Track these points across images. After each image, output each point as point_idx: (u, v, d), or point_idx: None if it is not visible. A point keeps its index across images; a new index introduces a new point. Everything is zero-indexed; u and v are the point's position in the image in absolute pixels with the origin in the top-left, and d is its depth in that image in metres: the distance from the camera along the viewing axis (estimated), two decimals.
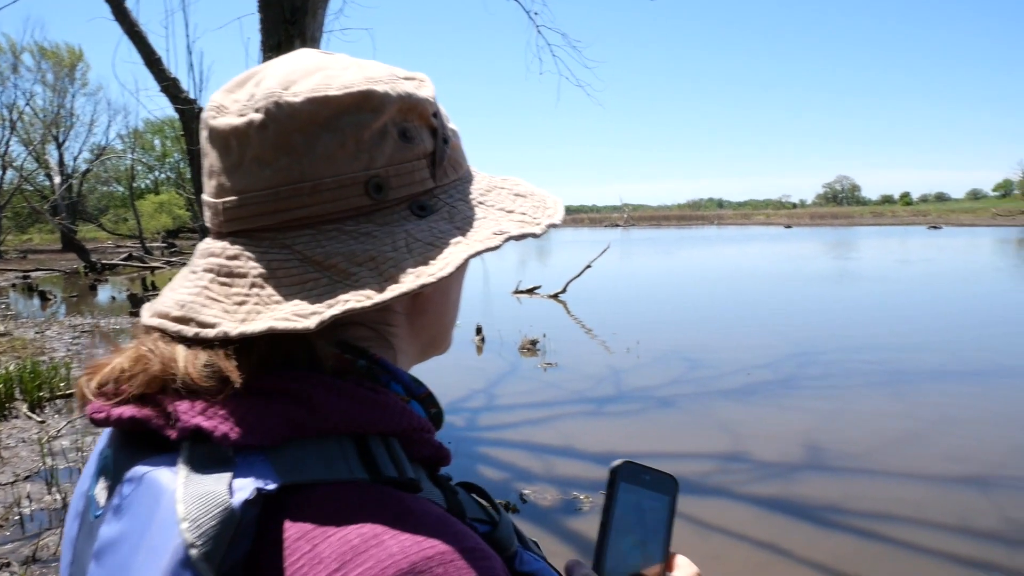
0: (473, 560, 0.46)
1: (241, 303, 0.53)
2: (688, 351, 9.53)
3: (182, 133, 6.34)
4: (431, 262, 0.55)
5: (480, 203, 0.62)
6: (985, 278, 19.02)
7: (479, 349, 10.20)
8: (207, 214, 0.60)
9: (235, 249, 0.56)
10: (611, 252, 17.40)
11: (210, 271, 0.56)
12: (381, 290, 0.52)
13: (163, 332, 0.54)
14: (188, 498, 0.45)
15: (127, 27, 5.93)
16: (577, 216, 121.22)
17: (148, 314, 0.57)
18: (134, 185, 47.19)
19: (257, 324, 0.51)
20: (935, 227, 55.71)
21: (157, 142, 56.86)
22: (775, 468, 5.25)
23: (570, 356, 9.46)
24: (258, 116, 0.55)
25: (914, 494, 4.75)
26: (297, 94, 0.55)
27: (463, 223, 0.59)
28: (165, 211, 48.67)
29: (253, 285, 0.54)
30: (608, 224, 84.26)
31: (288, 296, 0.52)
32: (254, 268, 0.54)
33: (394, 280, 0.53)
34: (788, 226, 69.83)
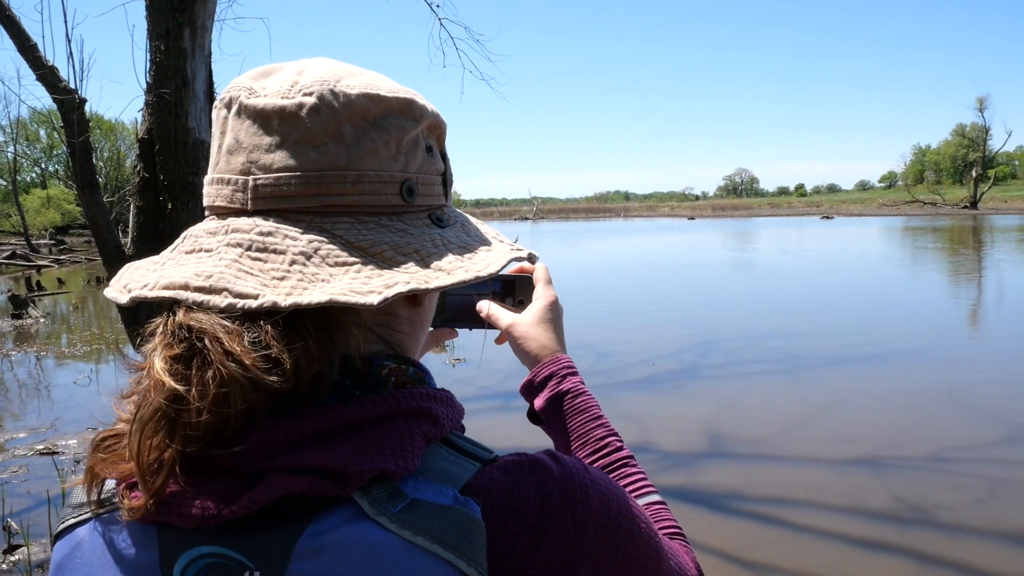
0: None
1: (282, 278, 0.52)
2: (596, 343, 9.67)
3: (62, 125, 5.91)
4: (473, 261, 0.58)
5: (476, 226, 0.67)
6: (873, 265, 20.21)
7: None
8: (221, 191, 0.58)
9: (268, 226, 0.55)
10: (521, 245, 17.44)
11: (237, 246, 0.54)
12: (435, 278, 0.55)
13: (176, 305, 0.52)
14: (427, 529, 0.47)
15: None
16: (487, 209, 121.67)
17: (140, 290, 0.53)
18: (18, 179, 44.04)
19: (312, 296, 0.50)
20: (828, 217, 58.77)
21: (43, 133, 53.37)
22: (679, 457, 5.38)
23: (479, 351, 9.44)
24: (310, 100, 0.56)
25: (811, 477, 4.97)
26: (351, 87, 0.57)
27: (478, 238, 0.63)
28: (53, 206, 45.78)
29: (293, 262, 0.53)
30: (518, 217, 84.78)
31: (333, 276, 0.53)
32: (293, 246, 0.54)
33: (445, 272, 0.56)
34: (691, 218, 72.13)
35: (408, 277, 0.53)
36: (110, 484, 0.54)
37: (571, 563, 0.53)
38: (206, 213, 0.61)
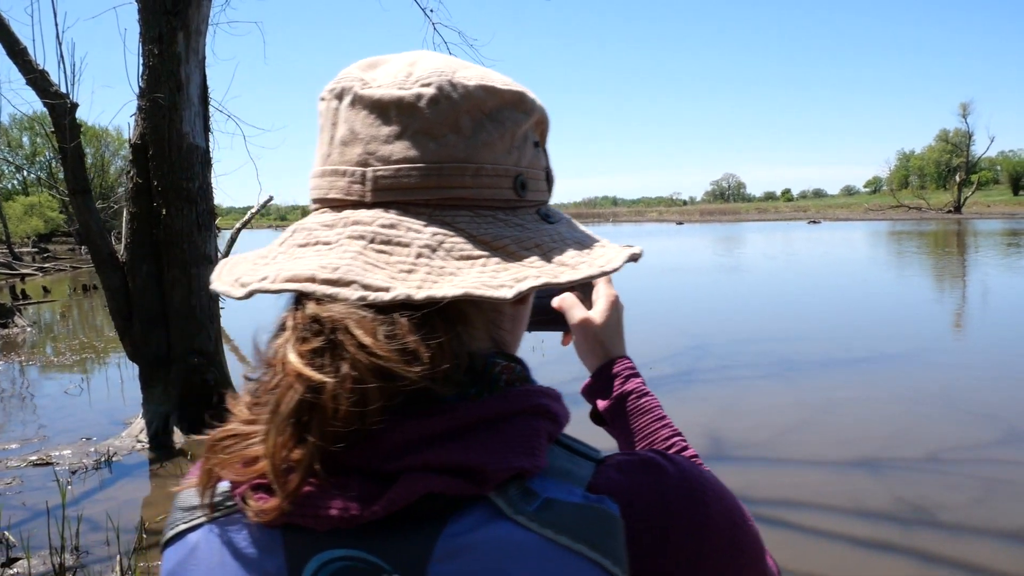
0: None
1: (409, 271, 0.51)
2: None
3: (52, 130, 5.86)
4: (593, 256, 0.57)
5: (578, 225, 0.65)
6: (861, 269, 20.36)
7: None
8: (336, 182, 0.57)
9: (390, 218, 0.55)
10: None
11: (360, 238, 0.54)
12: (561, 273, 0.54)
13: (303, 298, 0.51)
14: (569, 528, 0.47)
15: None
16: None
17: (259, 283, 0.52)
18: (0, 186, 43.66)
19: (444, 289, 0.50)
20: (814, 222, 59.13)
21: (26, 139, 52.89)
22: None
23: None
24: (429, 91, 0.55)
25: (811, 479, 4.98)
26: (468, 78, 0.57)
27: (586, 235, 0.62)
28: (36, 214, 45.37)
29: (419, 255, 0.52)
30: None
31: (460, 270, 0.52)
32: (417, 239, 0.53)
33: (569, 266, 0.55)
34: (680, 222, 72.36)
35: (536, 271, 0.53)
36: (222, 486, 0.52)
37: (695, 564, 0.52)
38: (313, 207, 0.60)
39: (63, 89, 5.68)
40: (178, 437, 6.02)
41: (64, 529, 4.07)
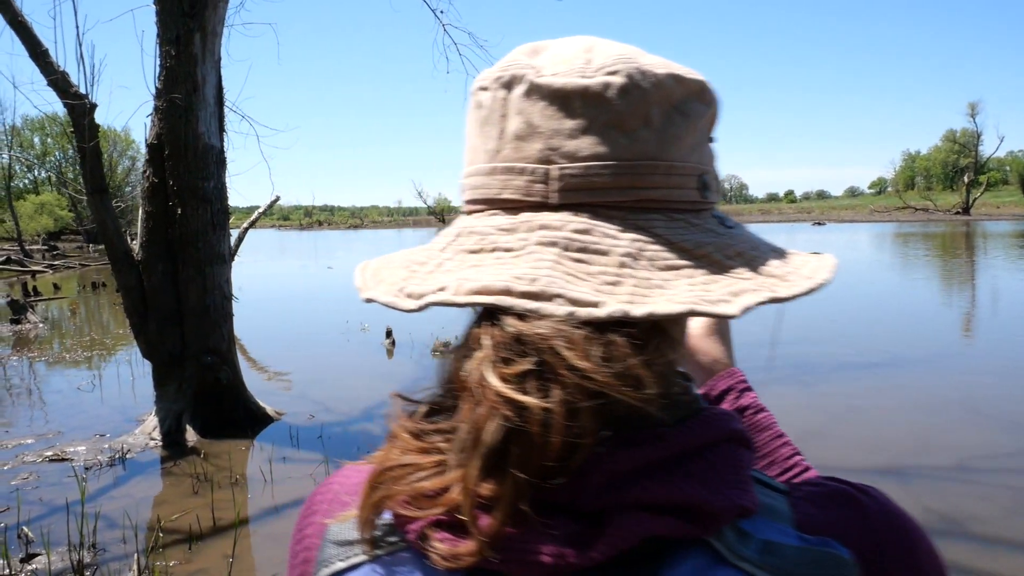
0: None
1: (614, 283, 0.46)
2: None
3: (71, 129, 5.89)
4: (797, 266, 0.52)
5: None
6: (869, 271, 20.28)
7: (389, 353, 10.01)
8: (511, 181, 0.52)
9: (582, 222, 0.49)
10: None
11: (551, 245, 0.48)
12: (778, 287, 0.49)
13: (497, 312, 0.46)
14: (803, 574, 0.43)
15: (9, 16, 5.46)
16: None
17: (436, 294, 0.49)
18: (11, 184, 43.91)
19: (662, 305, 0.45)
20: (819, 223, 58.77)
21: (37, 140, 53.17)
22: None
23: None
24: (617, 79, 0.50)
25: None
26: (655, 65, 0.52)
27: (770, 243, 0.56)
28: (46, 212, 45.63)
29: (622, 265, 0.47)
30: None
31: (668, 282, 0.47)
32: (616, 246, 0.48)
33: (778, 278, 0.50)
34: None
35: (751, 284, 0.48)
36: (381, 519, 0.48)
37: None
38: (470, 208, 0.55)
39: (83, 90, 5.71)
40: (191, 436, 6.05)
41: (82, 526, 4.10)
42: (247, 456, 5.77)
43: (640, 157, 0.50)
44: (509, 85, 0.52)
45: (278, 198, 10.89)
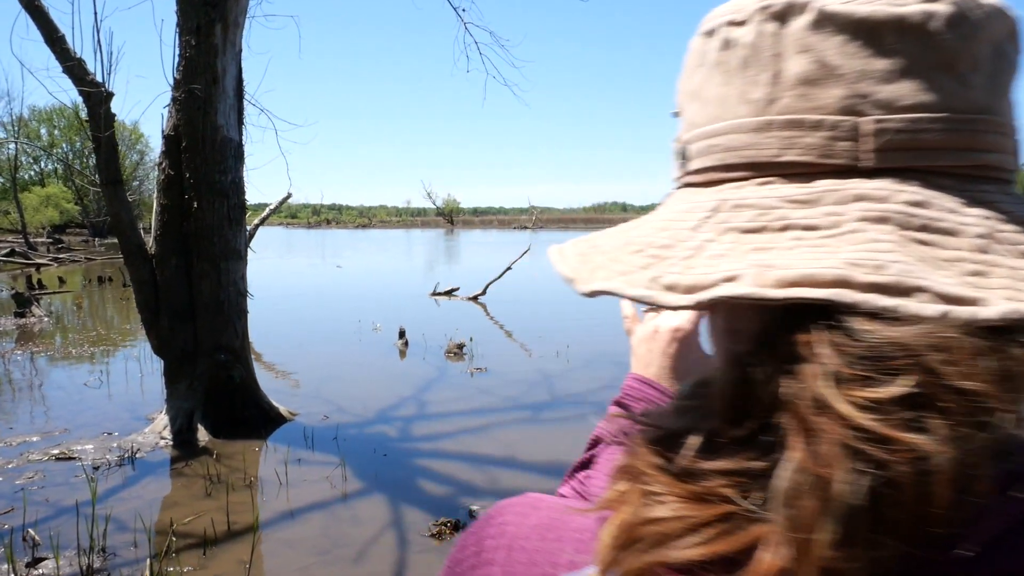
0: None
1: (979, 273, 0.36)
2: (618, 355, 9.48)
3: (86, 119, 5.74)
4: None
5: None
6: None
7: (402, 353, 9.86)
8: (801, 139, 0.41)
9: (914, 193, 0.39)
10: (520, 253, 17.35)
11: (882, 220, 0.38)
12: None
13: (832, 312, 0.35)
14: None
15: (26, 1, 5.31)
16: (486, 218, 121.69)
17: (725, 286, 0.37)
18: (17, 176, 43.88)
19: None
20: None
21: (44, 131, 53.21)
22: None
23: (498, 361, 9.26)
24: (942, 8, 0.40)
25: None
26: None
27: None
28: (51, 205, 45.65)
29: (981, 249, 0.37)
30: (516, 226, 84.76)
31: None
32: (966, 225, 0.38)
33: None
34: None
35: None
36: None
37: None
38: (723, 176, 0.44)
39: (99, 78, 5.57)
40: (202, 435, 5.89)
41: (92, 529, 3.94)
42: (261, 457, 5.61)
43: (974, 110, 0.40)
44: (783, 16, 0.42)
45: (290, 195, 10.77)
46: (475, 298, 15.74)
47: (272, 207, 10.47)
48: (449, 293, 16.44)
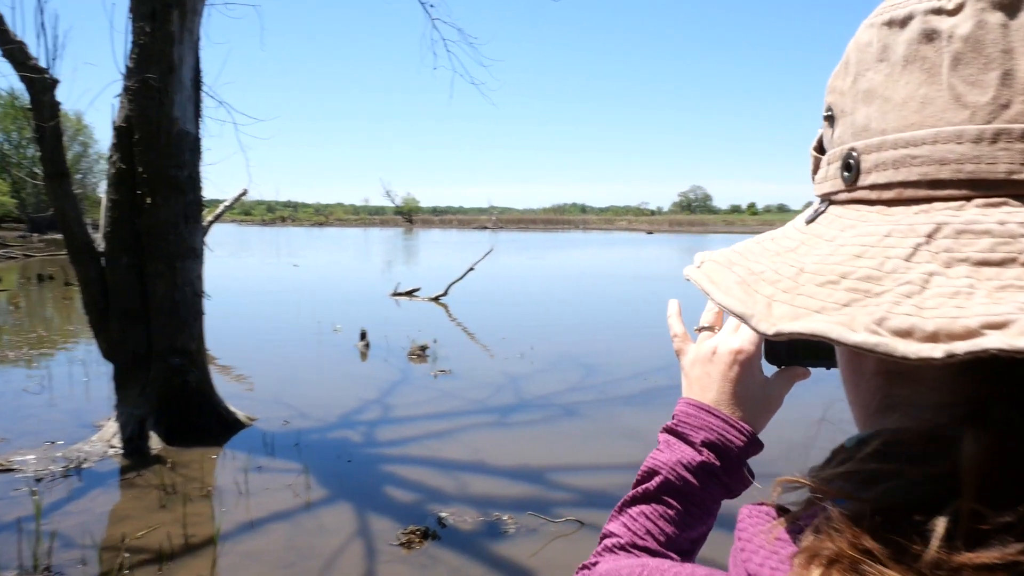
0: None
1: None
2: (582, 356, 9.43)
3: (28, 107, 5.41)
4: None
5: None
6: None
7: (364, 355, 9.63)
8: (1005, 151, 0.35)
9: None
10: (483, 254, 17.22)
11: None
12: None
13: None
14: None
15: None
16: (445, 217, 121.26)
17: (996, 334, 0.30)
18: None
19: None
20: None
21: None
22: None
23: (462, 363, 9.10)
24: None
25: None
26: None
27: None
28: None
29: None
30: (477, 226, 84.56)
31: None
32: None
33: None
34: (650, 232, 72.98)
35: None
36: None
37: None
38: (928, 193, 0.37)
39: (43, 63, 5.25)
40: (155, 443, 5.61)
41: (36, 546, 3.68)
42: (218, 465, 5.36)
43: None
44: (1014, 6, 0.36)
45: (246, 191, 10.45)
46: (437, 299, 15.54)
47: (228, 203, 10.13)
48: (410, 293, 16.21)
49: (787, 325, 0.35)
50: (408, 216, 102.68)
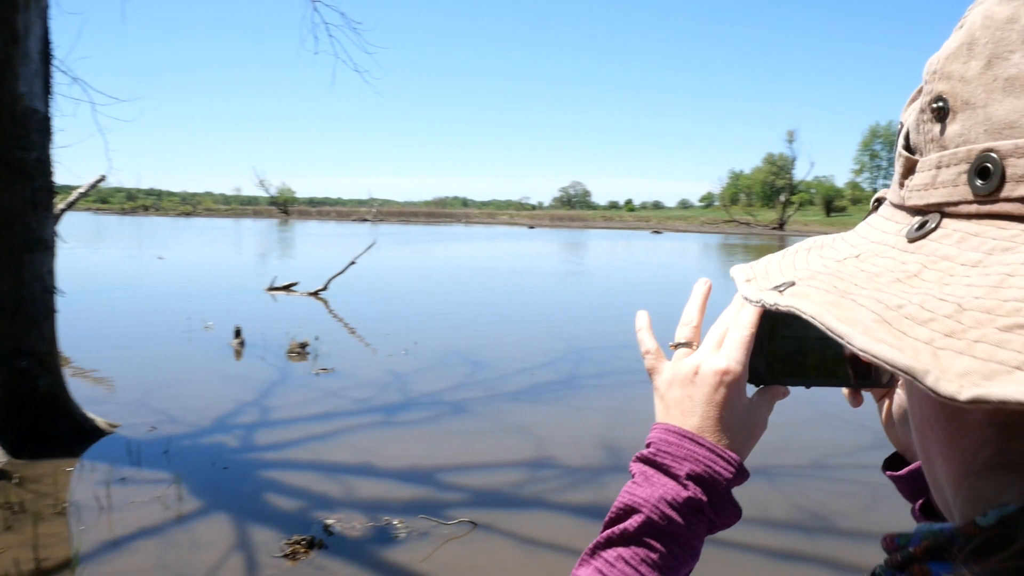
0: None
1: None
2: (468, 351, 9.36)
3: None
4: None
5: None
6: (704, 276, 21.51)
7: (239, 354, 9.15)
8: None
9: None
10: (364, 247, 16.82)
11: None
12: None
13: None
14: None
15: None
16: (323, 208, 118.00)
17: None
18: None
19: None
20: (657, 232, 62.48)
21: None
22: (583, 472, 5.19)
23: (345, 360, 8.82)
24: None
25: None
26: None
27: None
28: None
29: None
30: (356, 218, 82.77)
31: None
32: None
33: None
34: (531, 226, 74.02)
35: None
36: None
37: None
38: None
39: None
40: None
41: None
42: (74, 478, 4.88)
43: None
44: None
45: (103, 177, 9.67)
46: (316, 293, 15.02)
47: (82, 190, 9.32)
48: (288, 288, 15.58)
49: (988, 389, 0.27)
50: (283, 207, 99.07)
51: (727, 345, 0.68)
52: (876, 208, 0.43)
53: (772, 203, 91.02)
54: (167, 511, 4.36)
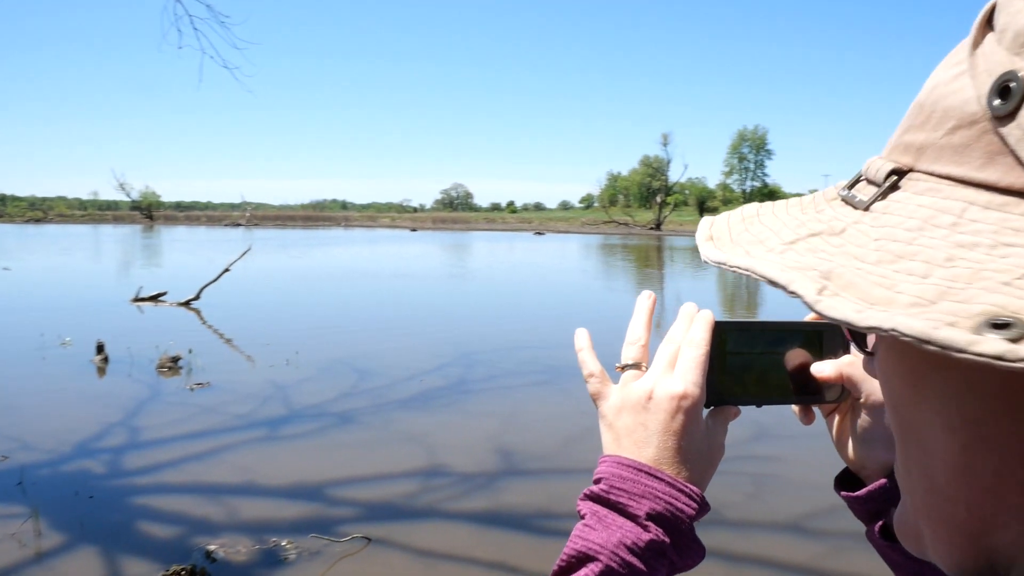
0: None
1: None
2: (352, 359, 9.14)
3: None
4: None
5: None
6: (587, 278, 22.10)
7: (102, 371, 8.52)
8: None
9: None
10: (239, 253, 16.08)
11: None
12: None
13: None
14: None
15: None
16: (191, 213, 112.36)
17: None
18: None
19: None
20: (540, 233, 63.52)
21: None
22: (477, 479, 5.16)
23: (222, 373, 8.38)
24: None
25: None
26: None
27: None
28: None
29: None
30: (228, 223, 79.11)
31: None
32: None
33: None
34: (414, 229, 73.47)
35: None
36: None
37: None
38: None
39: None
40: None
41: None
42: None
43: None
44: None
45: None
46: (187, 303, 14.22)
47: None
48: (155, 298, 14.65)
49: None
50: (147, 212, 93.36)
51: (681, 366, 0.62)
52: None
53: (649, 204, 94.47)
54: (24, 549, 3.96)
